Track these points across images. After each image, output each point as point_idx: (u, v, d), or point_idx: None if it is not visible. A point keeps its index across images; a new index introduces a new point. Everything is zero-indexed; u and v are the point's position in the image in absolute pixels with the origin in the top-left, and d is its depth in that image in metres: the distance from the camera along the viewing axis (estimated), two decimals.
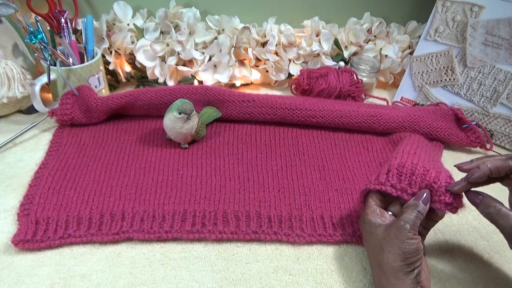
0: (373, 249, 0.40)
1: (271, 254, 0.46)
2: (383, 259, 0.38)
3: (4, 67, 0.57)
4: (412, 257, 0.37)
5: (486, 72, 0.66)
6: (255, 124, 0.66)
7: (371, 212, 0.42)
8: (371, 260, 0.41)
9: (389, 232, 0.39)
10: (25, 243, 0.44)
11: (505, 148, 0.67)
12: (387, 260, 0.38)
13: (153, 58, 0.70)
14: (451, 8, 0.67)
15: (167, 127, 0.57)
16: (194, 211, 0.48)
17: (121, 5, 0.70)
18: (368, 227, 0.41)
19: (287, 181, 0.55)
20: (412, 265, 0.37)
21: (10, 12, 0.58)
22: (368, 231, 0.41)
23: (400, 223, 0.39)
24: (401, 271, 0.37)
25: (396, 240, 0.38)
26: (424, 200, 0.41)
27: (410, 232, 0.38)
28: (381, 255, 0.39)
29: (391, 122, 0.64)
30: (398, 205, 0.43)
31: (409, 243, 0.38)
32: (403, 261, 0.37)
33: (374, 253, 0.40)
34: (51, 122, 0.63)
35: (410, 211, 0.40)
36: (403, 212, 0.40)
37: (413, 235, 0.38)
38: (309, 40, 0.74)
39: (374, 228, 0.41)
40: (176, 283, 0.42)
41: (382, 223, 0.41)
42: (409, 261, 0.37)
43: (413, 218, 0.39)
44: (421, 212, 0.40)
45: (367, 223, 0.42)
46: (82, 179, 0.52)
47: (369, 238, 0.41)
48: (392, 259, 0.38)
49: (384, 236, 0.39)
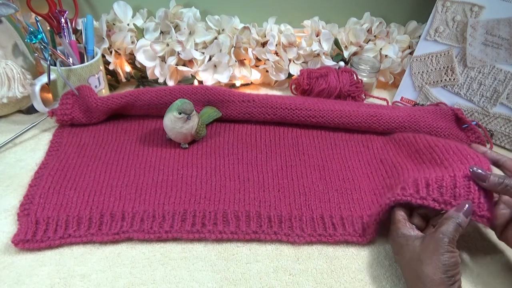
0: (409, 262, 0.40)
1: (271, 254, 0.46)
2: (423, 271, 0.37)
3: (4, 67, 0.57)
4: (453, 270, 0.37)
5: (486, 72, 0.65)
6: (255, 124, 0.65)
7: (403, 226, 0.42)
8: (406, 272, 0.41)
9: (427, 244, 0.39)
10: (25, 243, 0.44)
11: (505, 148, 0.67)
12: (427, 272, 0.37)
13: (153, 58, 0.70)
14: (451, 8, 0.67)
15: (167, 127, 0.57)
16: (194, 211, 0.48)
17: (121, 5, 0.70)
18: (403, 240, 0.41)
19: (287, 181, 0.55)
20: (453, 278, 0.37)
21: (10, 12, 0.58)
22: (402, 244, 0.41)
23: (438, 236, 0.38)
24: (443, 284, 0.36)
25: (435, 253, 0.37)
26: (466, 212, 0.40)
27: (449, 245, 0.38)
28: (420, 268, 0.38)
29: (391, 122, 0.64)
30: (418, 217, 0.44)
31: (449, 256, 0.37)
32: (444, 273, 0.37)
33: (411, 266, 0.39)
34: (51, 122, 0.63)
35: (449, 223, 0.39)
36: (442, 223, 0.39)
37: (452, 248, 0.38)
38: (309, 40, 0.74)
39: (410, 240, 0.40)
40: (176, 283, 0.42)
41: (417, 235, 0.41)
42: (450, 274, 0.37)
43: (452, 231, 0.38)
44: (461, 224, 0.39)
45: (401, 236, 0.41)
46: (82, 179, 0.52)
47: (404, 251, 0.41)
48: (432, 272, 0.37)
49: (422, 248, 0.39)
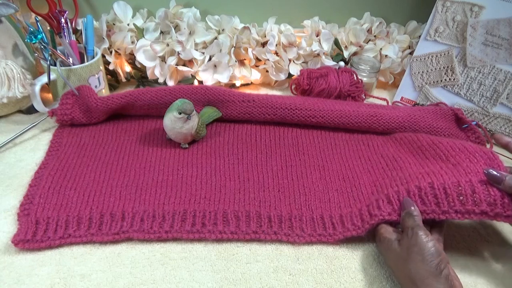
0: (397, 264, 0.41)
1: (271, 254, 0.46)
2: (410, 269, 0.39)
3: (4, 67, 0.57)
4: (435, 259, 0.39)
5: (486, 72, 0.65)
6: (255, 124, 0.65)
7: (385, 230, 0.45)
8: (398, 276, 0.42)
9: (403, 243, 0.41)
10: (25, 243, 0.44)
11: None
12: (414, 268, 0.39)
13: (153, 58, 0.70)
14: (451, 8, 0.67)
15: (167, 127, 0.57)
16: (194, 211, 0.48)
17: (121, 5, 0.70)
18: (386, 243, 0.43)
19: (287, 181, 0.55)
20: (438, 267, 0.38)
21: (10, 12, 0.58)
22: (386, 248, 0.43)
23: (409, 232, 0.41)
24: (430, 276, 0.38)
25: (414, 248, 0.40)
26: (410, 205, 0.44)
27: (422, 233, 0.40)
28: (407, 267, 0.39)
29: (391, 122, 0.64)
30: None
31: (427, 245, 0.39)
32: (428, 264, 0.38)
33: (399, 267, 0.41)
34: (51, 122, 0.63)
35: (409, 219, 0.43)
36: (405, 223, 0.43)
37: (426, 235, 0.40)
38: (309, 40, 0.74)
39: (392, 242, 0.43)
40: (176, 283, 0.42)
41: (397, 237, 0.43)
42: (434, 263, 0.38)
43: (416, 222, 0.42)
44: (418, 215, 0.43)
45: (383, 241, 0.44)
46: (82, 179, 0.52)
47: (389, 254, 0.43)
48: (418, 266, 0.39)
49: (402, 249, 0.41)
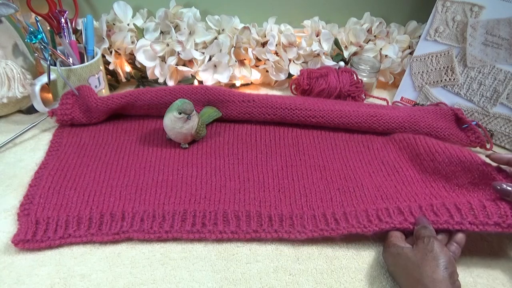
0: (406, 268, 0.41)
1: (271, 254, 0.46)
2: (422, 273, 0.39)
3: (4, 67, 0.57)
4: (451, 267, 0.39)
5: (486, 72, 0.65)
6: (255, 124, 0.65)
7: (395, 238, 0.45)
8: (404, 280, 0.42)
9: (418, 248, 0.42)
10: (25, 243, 0.44)
11: (505, 148, 0.67)
12: (428, 272, 0.39)
13: (153, 58, 0.70)
14: (451, 8, 0.67)
15: (167, 127, 0.57)
16: (194, 211, 0.48)
17: (121, 5, 0.70)
18: (397, 249, 0.43)
19: (288, 181, 0.54)
20: (452, 277, 0.39)
21: (10, 12, 0.58)
22: (395, 253, 0.43)
23: (425, 239, 0.42)
24: (444, 281, 0.38)
25: (430, 254, 0.40)
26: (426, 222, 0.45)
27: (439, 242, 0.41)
28: (419, 271, 0.39)
29: (391, 122, 0.64)
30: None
31: (444, 252, 0.41)
32: (443, 270, 0.39)
33: (408, 271, 0.41)
34: (51, 122, 0.63)
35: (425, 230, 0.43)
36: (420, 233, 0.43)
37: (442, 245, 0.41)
38: (309, 40, 0.74)
39: (401, 248, 0.43)
40: (176, 283, 0.42)
41: (408, 246, 0.44)
42: (449, 271, 0.39)
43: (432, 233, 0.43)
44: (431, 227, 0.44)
45: (392, 246, 0.44)
46: (82, 179, 0.52)
47: (398, 259, 0.43)
48: (433, 270, 0.39)
49: (415, 254, 0.41)
